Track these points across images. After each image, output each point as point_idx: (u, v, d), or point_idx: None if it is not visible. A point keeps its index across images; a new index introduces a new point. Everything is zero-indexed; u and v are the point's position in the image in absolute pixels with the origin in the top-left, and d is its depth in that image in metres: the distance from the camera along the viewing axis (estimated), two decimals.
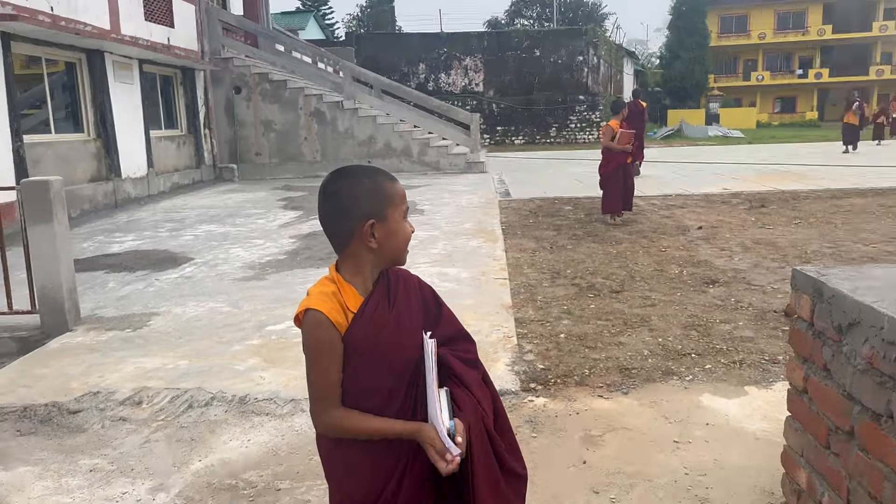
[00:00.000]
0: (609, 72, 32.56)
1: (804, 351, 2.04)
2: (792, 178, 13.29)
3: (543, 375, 3.79)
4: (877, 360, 1.64)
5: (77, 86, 11.28)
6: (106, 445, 3.23)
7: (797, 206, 9.61)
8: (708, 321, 4.63)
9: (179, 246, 7.92)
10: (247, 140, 16.37)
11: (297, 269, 6.58)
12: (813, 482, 1.98)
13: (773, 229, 7.90)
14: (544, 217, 9.28)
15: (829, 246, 6.90)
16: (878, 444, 1.64)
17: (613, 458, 2.93)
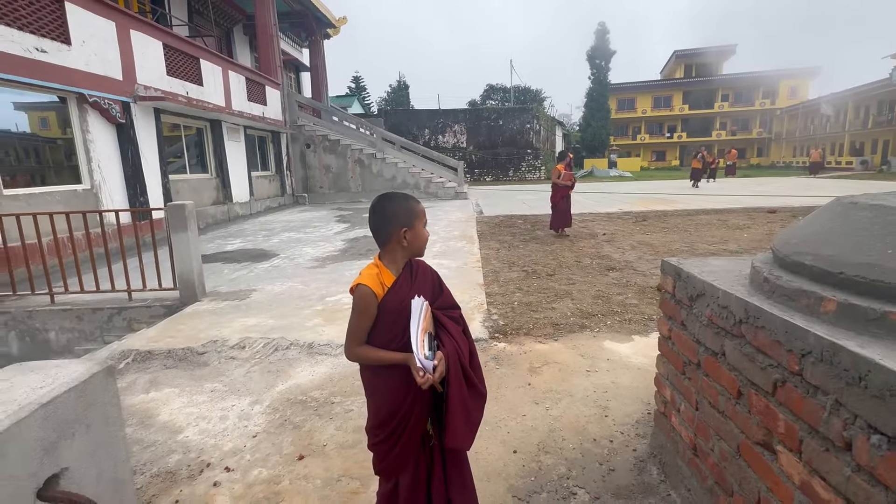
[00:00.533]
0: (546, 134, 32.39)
1: (669, 312, 2.03)
2: (662, 202, 13.30)
3: (504, 329, 3.79)
4: (714, 317, 1.64)
5: (204, 142, 11.19)
6: (222, 375, 3.21)
7: (666, 220, 9.60)
8: (609, 294, 4.63)
9: (270, 246, 7.89)
10: (313, 178, 16.28)
11: (346, 261, 6.56)
12: (674, 396, 1.98)
13: (650, 235, 7.89)
14: (505, 227, 9.25)
15: (686, 245, 6.90)
16: (715, 371, 1.65)
17: (548, 381, 2.93)
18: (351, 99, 43.69)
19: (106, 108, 7.53)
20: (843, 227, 1.32)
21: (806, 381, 1.18)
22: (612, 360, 3.16)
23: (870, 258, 1.17)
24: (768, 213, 9.90)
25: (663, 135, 48.34)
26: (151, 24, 8.76)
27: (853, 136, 33.86)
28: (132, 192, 8.11)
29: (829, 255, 1.28)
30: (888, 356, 1.00)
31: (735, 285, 1.61)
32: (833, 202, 1.50)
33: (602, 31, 38.46)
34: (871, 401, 0.99)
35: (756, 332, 1.39)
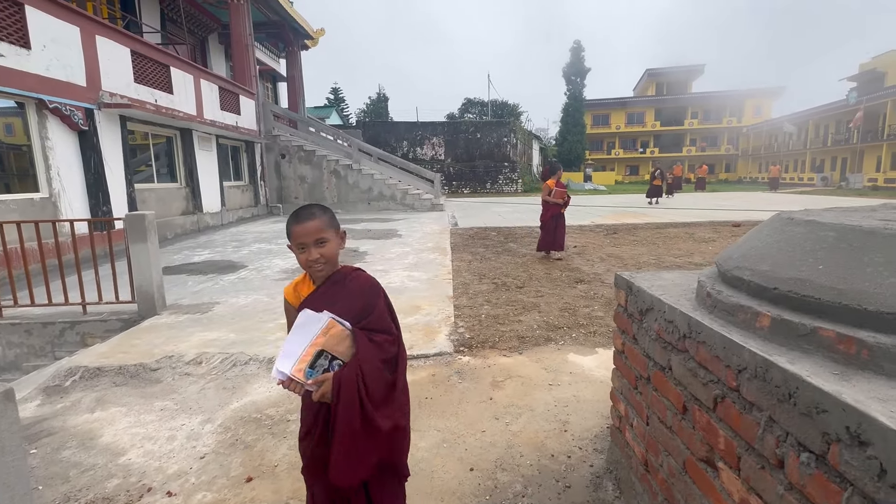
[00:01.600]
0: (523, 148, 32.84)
1: (622, 325, 2.03)
2: (633, 215, 13.56)
3: (469, 342, 3.74)
4: (662, 332, 1.63)
5: (173, 151, 10.93)
6: (174, 392, 3.08)
7: (636, 233, 9.76)
8: (576, 306, 4.64)
9: (239, 257, 7.70)
10: (288, 188, 16.07)
11: None
12: (628, 411, 1.96)
13: (620, 248, 7.99)
14: (478, 239, 9.26)
15: (654, 258, 7.01)
16: (662, 386, 1.63)
17: (510, 396, 2.89)
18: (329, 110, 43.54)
19: (67, 114, 7.29)
20: (780, 242, 1.33)
21: (743, 398, 1.18)
22: (574, 374, 3.14)
23: (801, 273, 1.18)
24: (733, 227, 10.18)
25: (637, 150, 49.60)
26: (119, 30, 8.56)
27: (814, 154, 35.36)
28: (94, 201, 7.83)
29: (765, 271, 1.28)
30: (816, 373, 1.00)
31: (681, 300, 1.61)
32: (773, 217, 1.52)
33: (577, 48, 39.44)
34: (800, 418, 0.99)
35: (698, 346, 1.38)
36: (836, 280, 1.10)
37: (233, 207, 13.36)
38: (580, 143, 40.40)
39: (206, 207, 11.67)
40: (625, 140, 50.03)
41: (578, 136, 40.27)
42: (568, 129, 40.48)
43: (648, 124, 48.56)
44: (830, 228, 1.22)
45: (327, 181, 16.06)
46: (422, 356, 3.47)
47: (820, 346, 1.08)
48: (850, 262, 1.11)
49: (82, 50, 7.68)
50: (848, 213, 1.46)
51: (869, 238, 1.12)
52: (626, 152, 49.36)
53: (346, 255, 7.56)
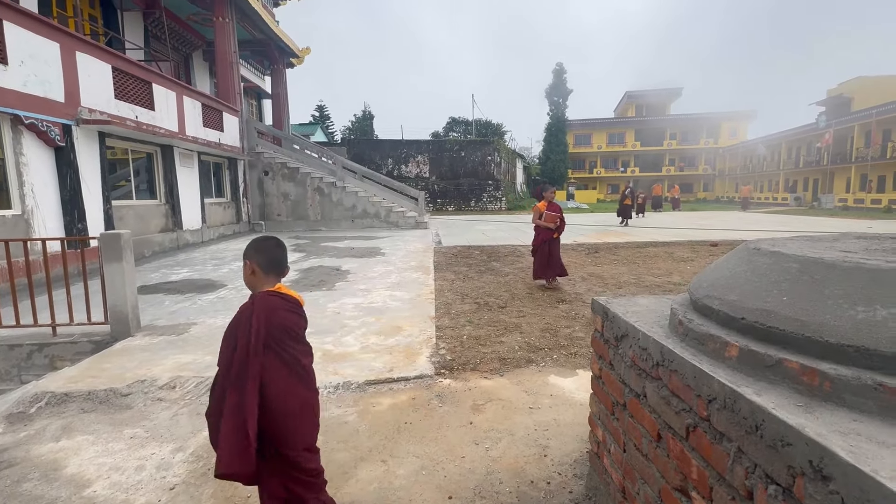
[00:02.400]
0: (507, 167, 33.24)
1: (599, 351, 2.04)
2: (615, 234, 13.77)
3: (450, 364, 3.72)
4: (637, 359, 1.65)
5: (154, 167, 10.79)
6: (145, 418, 2.98)
7: (617, 252, 9.89)
8: (557, 327, 4.65)
9: (219, 276, 7.57)
10: (271, 205, 15.95)
11: (299, 292, 6.33)
12: (605, 436, 1.96)
13: (601, 267, 8.08)
14: (462, 258, 9.27)
15: (633, 277, 7.09)
16: (638, 413, 1.64)
17: (490, 420, 2.87)
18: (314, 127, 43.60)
19: (44, 130, 7.16)
20: (747, 272, 1.36)
21: (713, 427, 1.19)
22: (555, 396, 3.14)
23: (767, 304, 1.21)
24: (710, 247, 10.39)
25: (618, 169, 50.55)
26: (100, 46, 8.50)
27: (787, 175, 36.53)
28: (69, 218, 7.65)
29: (733, 300, 1.31)
30: (781, 405, 1.02)
31: (654, 327, 1.63)
32: (740, 247, 1.56)
33: (559, 70, 40.41)
34: (766, 450, 1.00)
35: (671, 375, 1.40)
36: (800, 312, 1.13)
37: (214, 224, 13.19)
38: (563, 162, 41.11)
39: (185, 224, 11.49)
40: (606, 159, 51.02)
41: (561, 156, 41.00)
42: (551, 148, 41.22)
43: (629, 144, 49.69)
44: (794, 260, 1.26)
45: (311, 198, 15.99)
46: (402, 379, 3.43)
47: (785, 377, 1.10)
48: (812, 294, 1.15)
49: (62, 66, 7.59)
50: (812, 244, 1.51)
51: (829, 271, 1.16)
52: (608, 171, 50.28)
53: (330, 275, 7.50)
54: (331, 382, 3.38)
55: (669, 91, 50.68)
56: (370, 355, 3.90)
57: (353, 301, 5.75)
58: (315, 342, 4.22)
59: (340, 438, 2.68)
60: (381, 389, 3.30)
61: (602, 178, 50.40)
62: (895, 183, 25.83)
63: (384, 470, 2.38)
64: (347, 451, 2.56)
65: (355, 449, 2.57)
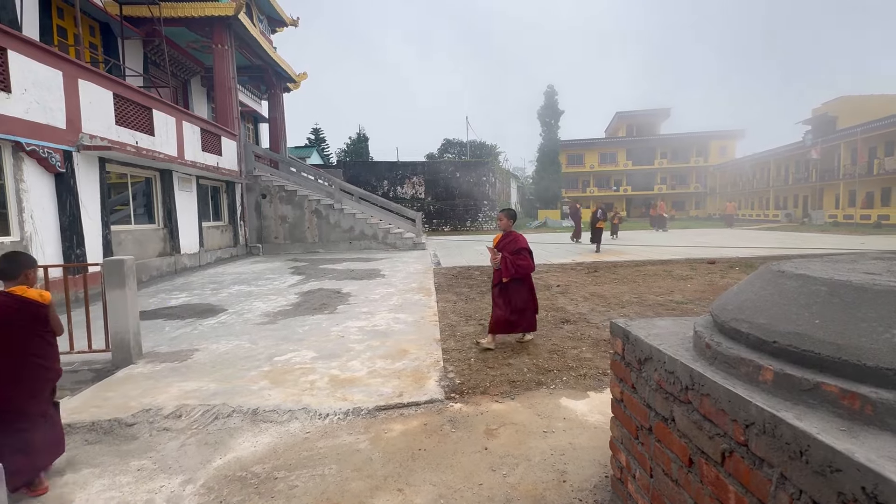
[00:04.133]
0: (502, 187, 33.64)
1: (620, 374, 2.03)
2: (612, 252, 13.85)
3: (460, 388, 3.68)
4: (663, 383, 1.65)
5: (152, 192, 10.79)
6: (152, 449, 2.91)
7: (616, 270, 9.94)
8: (564, 348, 4.64)
9: (218, 300, 7.51)
10: (268, 228, 15.95)
11: (299, 316, 6.30)
12: (629, 462, 1.94)
13: (602, 286, 8.10)
14: (462, 279, 9.27)
15: (635, 296, 7.11)
16: (666, 437, 1.63)
17: (505, 445, 2.83)
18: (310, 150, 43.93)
19: (45, 156, 7.17)
20: (774, 295, 1.38)
21: (752, 453, 1.18)
22: (568, 419, 3.11)
23: (798, 328, 1.22)
24: (708, 264, 10.47)
25: (610, 188, 51.10)
26: (101, 74, 8.59)
27: (777, 192, 37.09)
28: (68, 244, 7.60)
29: (762, 324, 1.32)
30: (825, 430, 1.02)
31: (680, 349, 1.64)
32: (763, 269, 1.58)
33: (551, 92, 41.12)
34: (813, 477, 1.00)
35: (702, 399, 1.40)
36: (834, 335, 1.14)
37: (211, 248, 13.14)
38: (556, 182, 41.48)
39: (183, 248, 11.45)
40: (599, 179, 51.61)
41: (554, 175, 41.38)
42: (544, 168, 41.64)
43: (621, 164, 50.35)
44: (822, 283, 1.28)
45: (308, 221, 16.02)
46: (412, 404, 3.39)
47: (824, 401, 1.11)
48: (845, 317, 1.16)
49: (64, 93, 7.65)
50: (834, 265, 1.53)
51: (860, 294, 1.18)
52: (601, 190, 50.79)
53: (331, 298, 7.46)
54: (340, 409, 3.33)
55: (658, 111, 51.74)
56: (378, 380, 3.86)
57: (356, 324, 5.71)
58: (321, 367, 4.20)
59: (354, 467, 2.63)
60: (392, 415, 3.25)
61: (595, 196, 50.84)
62: (882, 199, 26.29)
63: (401, 499, 2.34)
64: (362, 479, 2.51)
65: (370, 478, 2.53)
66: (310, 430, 3.06)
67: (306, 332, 5.40)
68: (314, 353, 4.63)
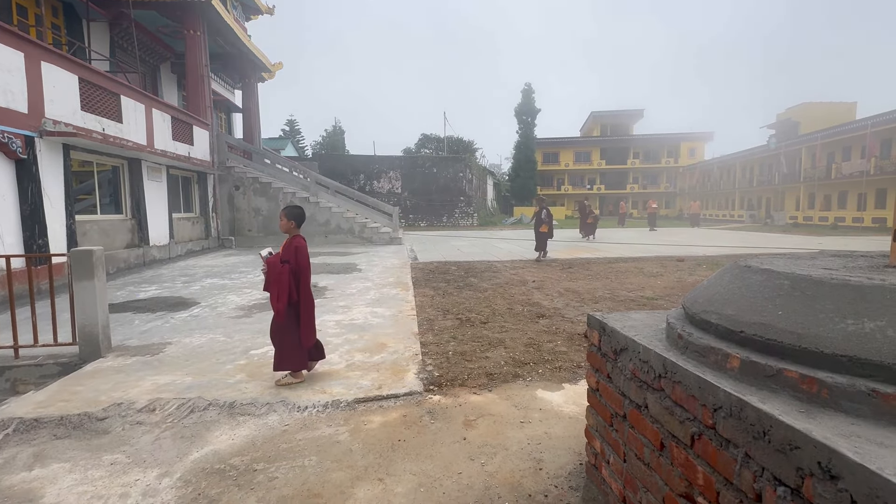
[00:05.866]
0: (478, 183, 33.73)
1: (596, 364, 2.11)
2: (585, 250, 14.14)
3: (438, 380, 3.73)
4: (637, 371, 1.73)
5: (120, 181, 10.43)
6: (125, 444, 2.86)
7: (589, 267, 10.16)
8: (539, 341, 4.74)
9: (190, 294, 7.34)
10: (242, 221, 15.63)
11: None
12: (604, 448, 2.02)
13: (576, 282, 8.28)
14: (439, 274, 9.31)
15: (608, 292, 7.29)
16: (639, 423, 1.71)
17: (483, 435, 2.89)
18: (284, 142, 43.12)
19: (5, 142, 6.84)
20: (741, 288, 1.47)
21: (719, 435, 1.27)
22: (544, 410, 3.19)
23: (763, 318, 1.30)
24: (678, 262, 10.81)
25: (585, 186, 51.98)
26: (66, 56, 8.23)
27: (742, 193, 38.48)
28: (29, 233, 7.28)
29: (730, 315, 1.41)
30: (786, 411, 1.10)
31: (653, 340, 1.72)
32: (731, 265, 1.67)
33: (528, 90, 41.51)
34: (774, 454, 1.08)
35: (674, 386, 1.48)
36: (795, 325, 1.23)
37: (182, 240, 12.80)
38: (532, 180, 41.97)
39: (153, 240, 11.12)
40: (574, 177, 52.42)
41: (530, 173, 41.87)
42: (520, 165, 42.06)
43: (595, 163, 51.27)
44: (785, 277, 1.37)
45: None
46: (391, 396, 3.42)
47: (786, 386, 1.19)
48: (805, 308, 1.25)
49: (25, 76, 7.31)
50: (795, 261, 1.63)
51: (819, 287, 1.27)
52: (575, 188, 51.63)
53: None
54: (319, 401, 3.33)
55: (632, 112, 52.83)
56: (357, 373, 3.87)
57: (333, 318, 5.69)
58: None
59: (334, 458, 2.65)
60: (372, 407, 3.28)
61: (570, 195, 51.64)
62: (839, 202, 27.61)
63: (382, 489, 2.37)
64: (342, 470, 2.53)
65: (350, 468, 2.55)
66: (288, 423, 3.06)
67: None
68: None
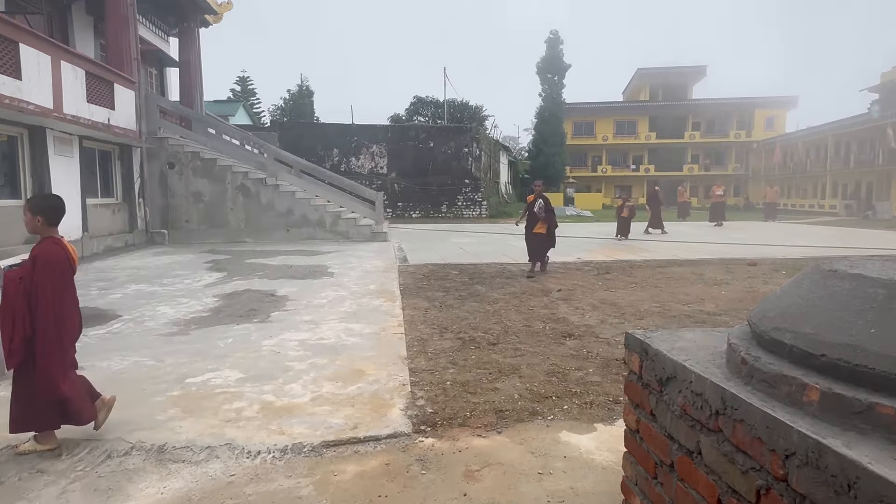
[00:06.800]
0: (489, 161, 33.84)
1: (636, 398, 2.13)
2: (628, 250, 14.16)
3: (432, 418, 3.75)
4: (689, 407, 1.74)
5: (17, 156, 10.45)
6: (21, 498, 2.87)
7: (633, 272, 10.19)
8: (565, 368, 4.76)
9: (108, 304, 7.36)
10: (177, 208, 15.66)
11: (219, 325, 6.25)
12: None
13: (614, 292, 8.30)
14: (435, 280, 9.34)
15: (657, 305, 7.32)
16: (691, 475, 1.72)
17: (490, 491, 2.91)
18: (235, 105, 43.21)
19: None
20: (823, 299, 1.48)
21: (792, 489, 1.28)
22: (570, 458, 3.21)
23: (851, 338, 1.32)
24: (748, 266, 10.84)
25: (628, 166, 52.06)
26: None
27: (835, 176, 38.49)
28: None
29: (809, 334, 1.42)
30: (878, 458, 1.12)
31: (710, 366, 1.73)
32: (812, 268, 1.68)
33: (554, 40, 41.58)
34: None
35: (735, 426, 1.49)
36: (892, 347, 1.24)
37: (99, 234, 12.84)
38: (559, 157, 41.95)
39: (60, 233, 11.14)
40: (614, 154, 52.52)
41: (557, 148, 41.85)
42: (544, 138, 42.07)
43: (642, 135, 51.33)
44: (880, 285, 1.38)
45: (232, 200, 15.80)
46: (371, 439, 3.44)
47: (878, 426, 1.21)
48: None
49: None
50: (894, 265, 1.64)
51: None
52: (616, 169, 51.72)
53: (262, 302, 7.42)
54: (275, 444, 3.35)
55: (691, 70, 52.84)
56: (326, 408, 3.89)
57: (296, 337, 5.72)
58: (250, 391, 4.21)
59: None
60: (344, 453, 3.29)
61: (608, 177, 51.75)
62: None
63: None
64: None
65: None
66: (235, 473, 3.07)
67: (230, 347, 5.38)
68: (240, 373, 4.64)
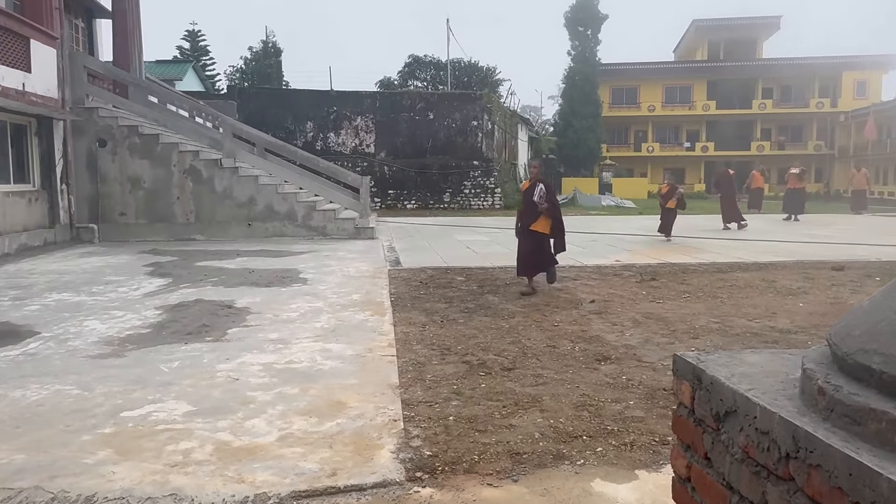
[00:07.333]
0: (504, 138, 33.90)
1: (686, 438, 2.13)
2: (681, 250, 14.14)
3: (430, 463, 3.75)
4: (752, 449, 1.75)
5: None
6: None
7: (685, 279, 10.17)
8: (599, 400, 4.75)
9: (23, 318, 7.39)
10: (110, 198, 15.71)
11: (162, 344, 6.26)
12: None
13: (662, 303, 8.30)
14: (435, 288, 9.35)
15: (716, 321, 7.30)
16: None
17: None
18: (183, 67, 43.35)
19: None
20: None
21: None
22: None
23: None
24: (833, 271, 10.82)
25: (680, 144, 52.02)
26: None
27: None
28: None
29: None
30: None
31: (779, 398, 1.74)
32: None
33: None
34: None
35: (810, 472, 1.50)
36: None
37: (10, 230, 12.92)
38: (594, 132, 41.93)
39: None
40: (662, 128, 52.54)
41: (590, 121, 41.82)
42: (573, 108, 42.08)
43: (698, 105, 51.31)
44: None
45: (179, 187, 15.85)
46: (352, 488, 3.45)
47: None
48: None
49: None
50: None
51: None
52: (665, 148, 51.71)
53: (217, 315, 7.44)
54: (233, 496, 3.37)
55: (760, 22, 52.80)
56: (297, 450, 3.90)
57: (259, 360, 5.73)
58: (202, 429, 4.24)
59: None
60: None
61: (655, 157, 51.69)
62: None
63: None
64: None
65: None
66: None
67: (176, 372, 5.38)
68: (189, 405, 4.64)
